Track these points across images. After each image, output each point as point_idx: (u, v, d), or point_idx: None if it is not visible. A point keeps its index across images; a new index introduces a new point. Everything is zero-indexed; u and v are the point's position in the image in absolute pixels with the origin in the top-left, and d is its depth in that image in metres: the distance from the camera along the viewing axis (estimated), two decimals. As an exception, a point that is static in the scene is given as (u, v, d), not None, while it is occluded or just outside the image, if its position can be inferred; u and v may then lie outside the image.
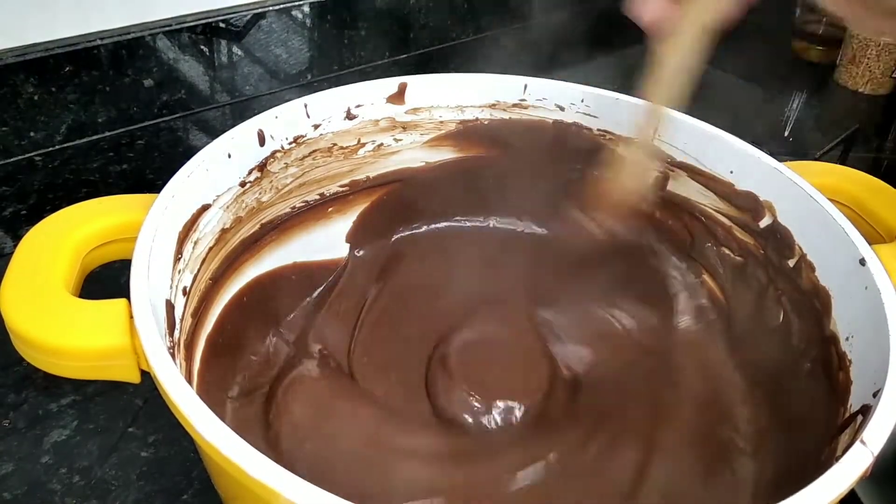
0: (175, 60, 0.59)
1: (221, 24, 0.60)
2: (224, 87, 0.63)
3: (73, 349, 0.26)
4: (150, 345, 0.25)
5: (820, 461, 0.28)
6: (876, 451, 0.24)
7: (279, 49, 0.65)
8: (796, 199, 0.35)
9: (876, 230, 0.37)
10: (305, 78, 0.68)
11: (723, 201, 0.39)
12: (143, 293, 0.26)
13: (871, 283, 0.30)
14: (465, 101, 0.42)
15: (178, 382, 0.23)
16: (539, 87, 0.42)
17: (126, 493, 0.34)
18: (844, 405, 0.29)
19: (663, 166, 0.41)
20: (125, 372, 0.27)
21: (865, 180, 0.38)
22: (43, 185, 0.53)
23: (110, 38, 0.55)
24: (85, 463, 0.35)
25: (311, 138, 0.39)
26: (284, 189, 0.39)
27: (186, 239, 0.32)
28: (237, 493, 0.26)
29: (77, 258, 0.30)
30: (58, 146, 0.56)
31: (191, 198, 0.32)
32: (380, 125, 0.41)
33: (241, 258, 0.37)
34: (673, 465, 0.34)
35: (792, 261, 0.36)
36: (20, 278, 0.28)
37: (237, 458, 0.21)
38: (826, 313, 0.33)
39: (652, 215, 0.42)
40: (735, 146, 0.38)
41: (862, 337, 0.30)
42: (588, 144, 0.42)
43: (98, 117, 0.57)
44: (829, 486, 0.22)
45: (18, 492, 0.34)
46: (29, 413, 0.37)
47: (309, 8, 0.65)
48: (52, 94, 0.54)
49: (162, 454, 0.36)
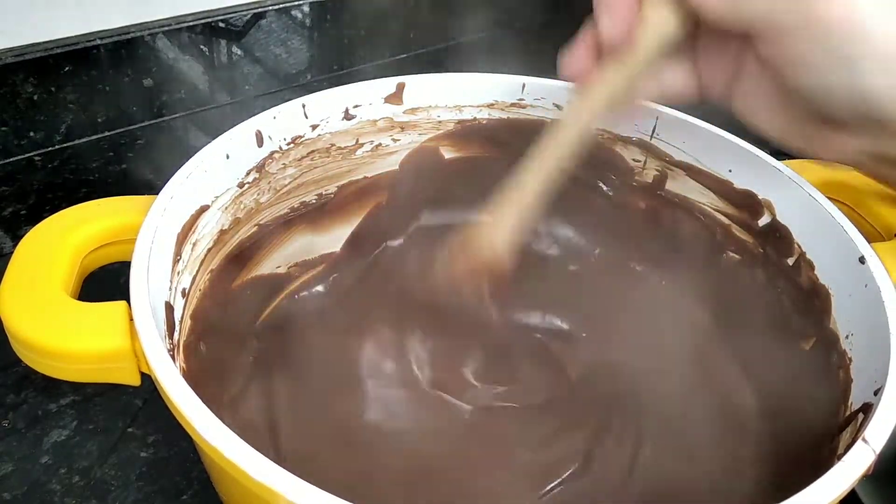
0: (175, 60, 0.59)
1: (221, 24, 0.60)
2: (224, 87, 0.63)
3: (72, 352, 0.26)
4: (150, 347, 0.25)
5: (821, 460, 0.28)
6: (878, 449, 0.24)
7: (279, 49, 0.65)
8: (795, 197, 0.35)
9: (875, 228, 0.37)
10: (305, 78, 0.68)
11: (721, 200, 0.39)
12: (143, 295, 0.26)
13: (871, 281, 0.30)
14: (464, 101, 0.42)
15: (179, 385, 0.23)
16: (537, 86, 0.42)
17: (126, 494, 0.34)
18: (845, 403, 0.29)
19: (653, 161, 0.40)
20: (125, 374, 0.27)
21: (864, 178, 0.38)
22: (42, 185, 0.53)
23: (110, 38, 0.55)
24: (84, 463, 0.35)
25: (309, 139, 0.39)
26: (283, 190, 0.39)
27: (185, 240, 0.32)
28: (238, 495, 0.26)
29: (76, 260, 0.30)
30: (57, 146, 0.56)
31: (189, 199, 0.32)
32: (378, 125, 0.41)
33: (240, 259, 0.37)
34: (671, 465, 0.34)
35: (791, 259, 0.36)
36: (18, 281, 0.28)
37: (239, 461, 0.21)
38: (825, 311, 0.33)
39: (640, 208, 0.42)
40: (733, 144, 0.38)
41: (862, 335, 0.30)
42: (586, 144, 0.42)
43: (98, 117, 0.57)
44: (831, 485, 0.22)
45: (18, 492, 0.34)
46: (28, 413, 0.37)
47: (309, 8, 0.65)
48: (51, 93, 0.54)
49: (161, 454, 0.36)
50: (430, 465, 0.34)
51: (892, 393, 0.25)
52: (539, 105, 0.42)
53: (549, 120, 0.42)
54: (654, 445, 0.35)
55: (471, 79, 0.42)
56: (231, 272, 0.37)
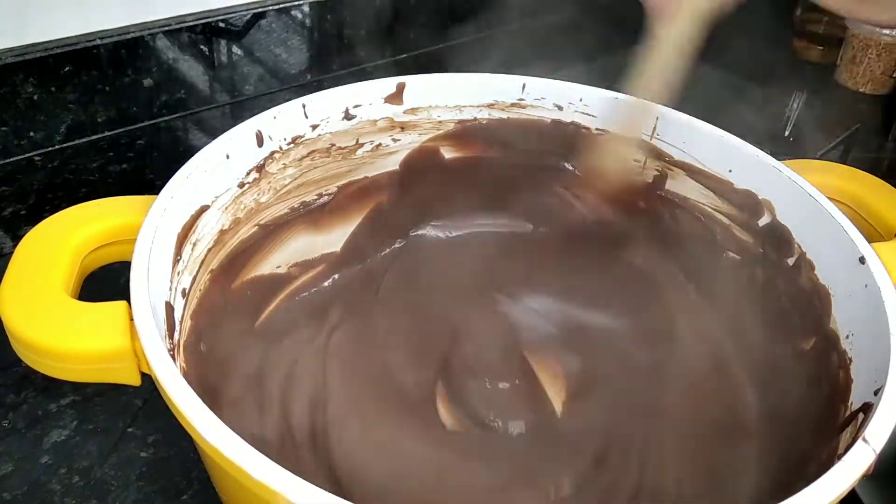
0: (175, 60, 0.59)
1: (221, 24, 0.60)
2: (224, 87, 0.63)
3: (72, 352, 0.26)
4: (151, 347, 0.25)
5: (821, 460, 0.28)
6: (878, 448, 0.24)
7: (279, 49, 0.65)
8: (795, 197, 0.35)
9: (875, 228, 0.37)
10: (305, 78, 0.68)
11: (722, 200, 0.39)
12: (144, 295, 0.26)
13: (871, 281, 0.30)
14: (464, 101, 0.42)
15: (179, 385, 0.23)
16: (537, 86, 0.42)
17: (125, 494, 0.34)
18: (845, 403, 0.29)
19: (653, 161, 0.41)
20: (125, 374, 0.27)
21: (864, 178, 0.38)
22: (42, 185, 0.53)
23: (110, 38, 0.55)
24: (84, 463, 0.35)
25: (309, 139, 0.39)
26: (283, 190, 0.39)
27: (185, 240, 0.32)
28: (238, 495, 0.26)
29: (76, 260, 0.30)
30: (57, 146, 0.56)
31: (189, 199, 0.32)
32: (378, 125, 0.41)
33: (240, 259, 0.37)
34: (674, 466, 0.34)
35: (791, 259, 0.36)
36: (19, 281, 0.28)
37: (239, 461, 0.21)
38: (826, 311, 0.33)
39: (640, 208, 0.42)
40: (733, 145, 0.38)
41: (862, 335, 0.30)
42: (586, 144, 0.42)
43: (98, 117, 0.57)
44: (831, 484, 0.22)
45: (18, 492, 0.34)
46: (28, 413, 0.37)
47: (309, 8, 0.65)
48: (51, 93, 0.54)
49: (161, 454, 0.36)
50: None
51: (892, 393, 0.25)
52: (539, 105, 0.42)
53: (548, 120, 0.42)
54: (655, 444, 0.35)
55: (471, 79, 0.42)
56: (231, 272, 0.37)
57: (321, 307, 0.41)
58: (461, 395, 0.37)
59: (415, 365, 0.39)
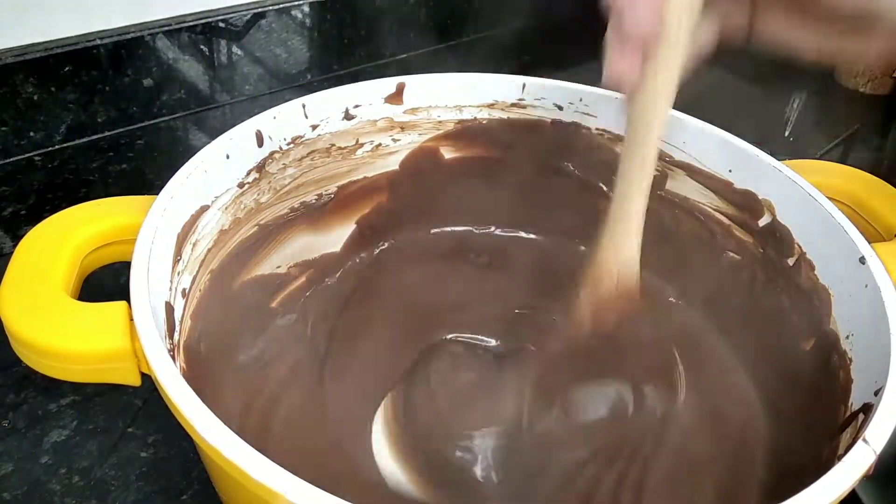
0: (174, 60, 0.59)
1: (221, 24, 0.60)
2: (224, 87, 0.63)
3: (72, 352, 0.26)
4: (151, 347, 0.25)
5: (821, 460, 0.28)
6: (878, 449, 0.24)
7: (279, 49, 0.65)
8: (795, 197, 0.35)
9: (875, 228, 0.37)
10: (305, 78, 0.68)
11: (721, 200, 0.39)
12: (144, 295, 0.26)
13: (872, 282, 0.30)
14: (464, 101, 0.42)
15: (179, 385, 0.23)
16: (537, 86, 0.42)
17: (125, 494, 0.34)
18: (845, 404, 0.29)
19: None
20: (125, 375, 0.27)
21: (864, 178, 0.38)
22: (42, 185, 0.53)
23: (110, 38, 0.55)
24: (84, 463, 0.35)
25: (309, 139, 0.39)
26: (283, 190, 0.39)
27: (185, 240, 0.32)
28: (238, 495, 0.26)
29: (76, 260, 0.30)
30: (57, 146, 0.56)
31: (189, 199, 0.32)
32: (378, 125, 0.41)
33: (240, 259, 0.37)
34: (672, 467, 0.34)
35: (791, 259, 0.36)
36: (19, 281, 0.28)
37: (239, 461, 0.21)
38: (826, 312, 0.33)
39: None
40: (733, 145, 0.38)
41: (862, 335, 0.30)
42: (587, 144, 0.42)
43: (98, 117, 0.57)
44: (831, 485, 0.22)
45: (18, 492, 0.34)
46: (28, 413, 0.37)
47: (309, 8, 0.65)
48: (51, 93, 0.54)
49: (161, 454, 0.36)
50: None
51: (893, 393, 0.25)
52: (539, 105, 0.42)
53: (548, 120, 0.42)
54: (657, 454, 0.35)
55: (471, 79, 0.42)
56: (231, 272, 0.37)
57: (321, 307, 0.41)
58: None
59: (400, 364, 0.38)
